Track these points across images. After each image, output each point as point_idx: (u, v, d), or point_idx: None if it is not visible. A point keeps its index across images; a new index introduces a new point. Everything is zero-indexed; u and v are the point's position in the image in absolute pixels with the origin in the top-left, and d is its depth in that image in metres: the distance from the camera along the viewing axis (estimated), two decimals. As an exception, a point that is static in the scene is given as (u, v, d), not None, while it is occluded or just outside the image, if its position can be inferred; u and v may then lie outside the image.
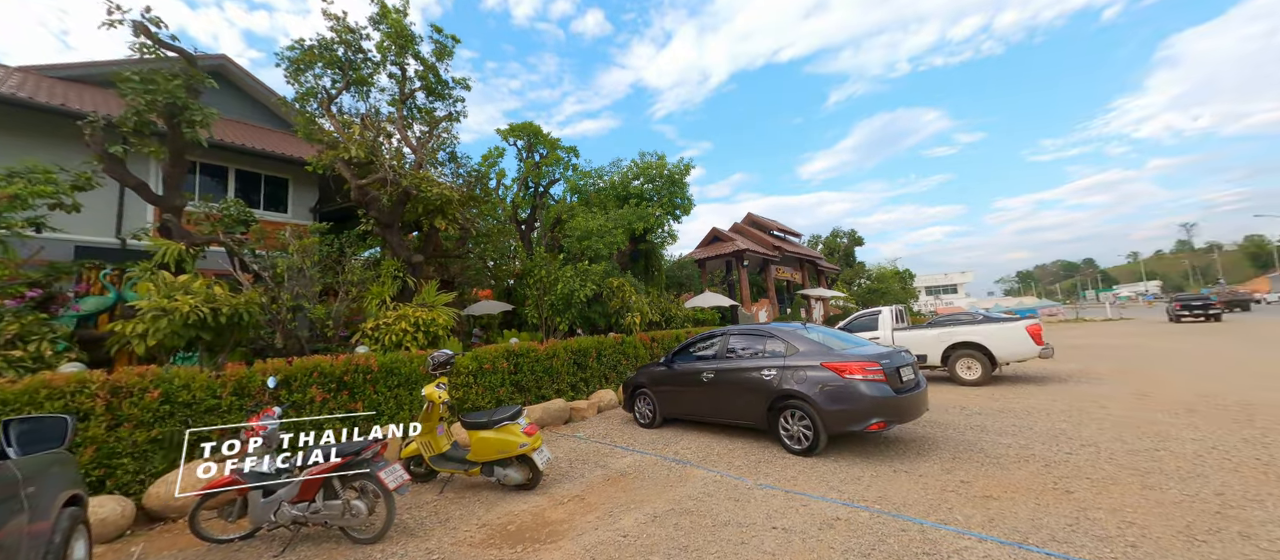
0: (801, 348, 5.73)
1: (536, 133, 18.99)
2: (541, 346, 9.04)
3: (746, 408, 6.07)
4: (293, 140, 13.26)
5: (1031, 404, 7.63)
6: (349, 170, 8.86)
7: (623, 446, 6.52)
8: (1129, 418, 6.33)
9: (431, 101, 12.09)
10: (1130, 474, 4.30)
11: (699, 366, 6.79)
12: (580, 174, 17.63)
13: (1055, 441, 5.45)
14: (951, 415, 7.13)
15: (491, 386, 8.00)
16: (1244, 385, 7.93)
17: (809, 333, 6.07)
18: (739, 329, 6.66)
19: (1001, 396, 8.40)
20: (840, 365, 5.26)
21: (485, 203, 14.63)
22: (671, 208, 15.71)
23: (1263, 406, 6.46)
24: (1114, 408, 6.99)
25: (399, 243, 9.69)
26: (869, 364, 5.17)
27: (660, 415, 7.38)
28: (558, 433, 7.69)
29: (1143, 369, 10.55)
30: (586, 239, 13.34)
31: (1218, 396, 7.26)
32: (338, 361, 6.25)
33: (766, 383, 5.80)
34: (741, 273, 19.92)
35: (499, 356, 8.25)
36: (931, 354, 10.50)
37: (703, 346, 7.09)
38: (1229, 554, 2.89)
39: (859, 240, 42.04)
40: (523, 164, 19.23)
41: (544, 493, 4.85)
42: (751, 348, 6.33)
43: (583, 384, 9.72)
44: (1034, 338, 9.42)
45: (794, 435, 5.53)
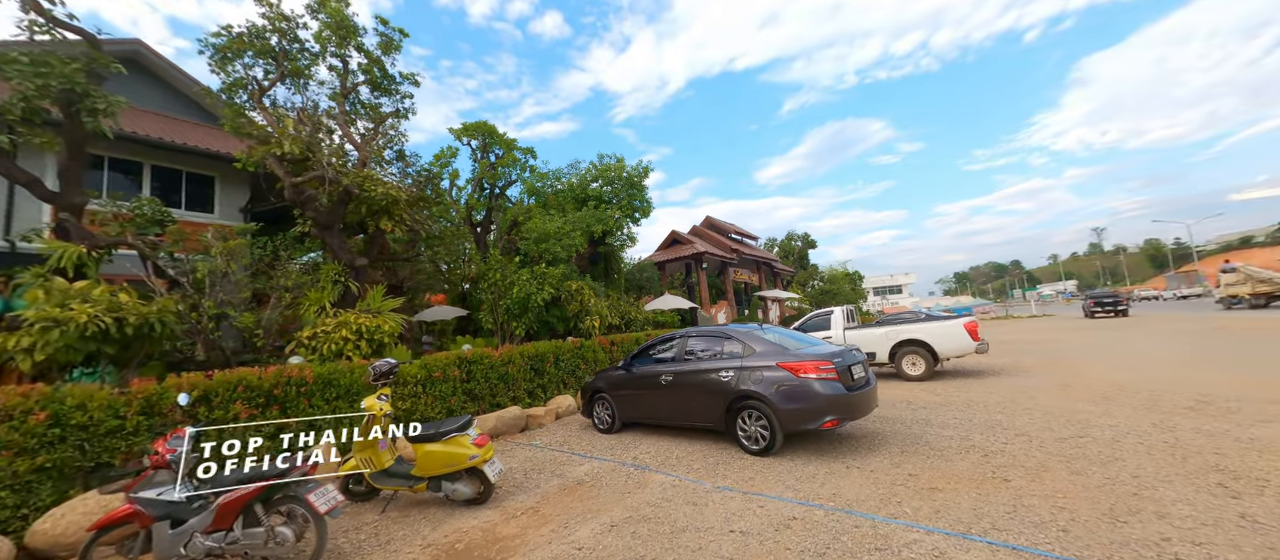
0: (758, 348, 5.78)
1: (491, 132, 18.49)
2: (496, 353, 8.72)
3: (705, 409, 6.06)
4: (220, 135, 12.23)
5: (970, 397, 8.06)
6: (282, 167, 8.23)
7: (580, 454, 6.35)
8: (1055, 407, 6.80)
9: (377, 97, 11.49)
10: (1058, 461, 4.58)
11: (658, 369, 6.73)
12: (538, 175, 17.32)
13: (992, 432, 5.76)
14: (899, 410, 7.41)
15: (442, 396, 7.62)
16: (1149, 375, 8.71)
17: (765, 333, 6.14)
18: (697, 331, 6.66)
19: (943, 390, 8.84)
20: (795, 365, 5.33)
21: (437, 204, 14.06)
22: (631, 210, 15.66)
23: (1165, 393, 7.10)
24: (1042, 398, 7.49)
25: (340, 245, 9.09)
26: (822, 363, 5.27)
27: (619, 420, 7.27)
28: (513, 442, 7.42)
29: (1064, 361, 11.43)
30: (544, 241, 13.04)
31: (1128, 386, 7.94)
32: (267, 374, 5.75)
33: (724, 384, 5.81)
34: (700, 275, 20.15)
35: (450, 364, 7.88)
36: (880, 351, 10.94)
37: (661, 349, 7.04)
38: (1147, 533, 3.09)
39: (812, 243, 43.60)
40: (477, 164, 18.69)
41: (496, 506, 4.62)
42: (710, 349, 6.33)
43: (540, 390, 9.46)
44: (971, 334, 10.00)
45: (751, 435, 5.56)
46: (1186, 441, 4.85)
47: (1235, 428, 5.16)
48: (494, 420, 7.70)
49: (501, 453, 6.76)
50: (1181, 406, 6.26)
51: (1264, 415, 5.55)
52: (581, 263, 16.45)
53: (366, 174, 8.83)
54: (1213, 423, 5.44)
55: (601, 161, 16.11)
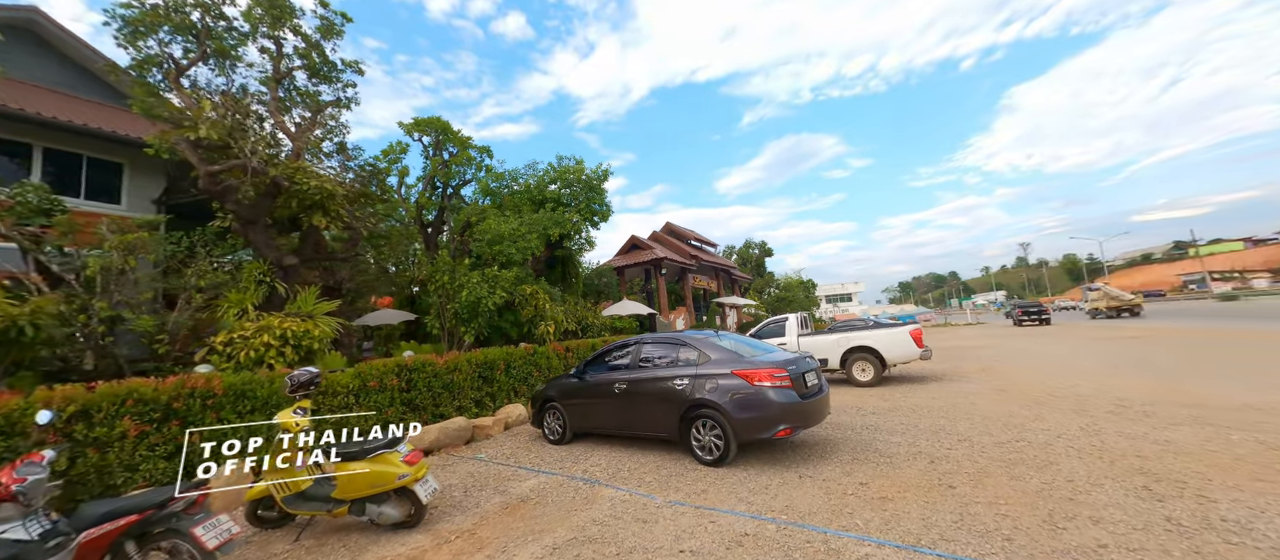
0: (713, 355, 5.65)
1: (445, 129, 17.75)
2: (441, 360, 8.19)
3: (659, 419, 5.86)
4: (130, 118, 11.00)
5: (916, 402, 8.30)
6: (196, 153, 7.42)
7: (527, 467, 6.00)
8: (993, 412, 7.07)
9: (315, 84, 10.71)
10: (999, 466, 4.69)
11: (612, 377, 6.49)
12: (494, 175, 16.71)
13: (937, 437, 5.88)
14: (849, 416, 7.51)
15: (379, 407, 7.05)
16: (1072, 381, 9.29)
17: (721, 340, 6.03)
18: (653, 337, 6.48)
19: (891, 396, 9.08)
20: (750, 373, 5.23)
21: (382, 201, 13.25)
22: (589, 214, 15.37)
23: (1089, 397, 7.56)
24: (980, 403, 7.80)
25: (266, 242, 8.31)
26: (777, 370, 5.20)
27: (570, 430, 6.96)
28: (457, 455, 6.95)
29: (999, 367, 12.07)
30: (498, 243, 12.53)
31: (1057, 390, 8.42)
32: (165, 385, 5.07)
33: (679, 392, 5.64)
34: (659, 281, 20.09)
35: (388, 372, 7.32)
36: (831, 358, 11.16)
37: (616, 356, 6.80)
38: (1085, 539, 3.14)
39: (769, 251, 44.75)
40: (429, 162, 17.87)
41: (428, 530, 4.22)
42: (665, 356, 6.15)
43: (489, 399, 8.98)
44: (916, 342, 10.36)
45: (705, 445, 5.41)
46: (1111, 445, 5.10)
47: (1152, 430, 5.49)
48: (435, 432, 7.19)
49: (442, 468, 6.31)
50: (1104, 410, 6.64)
51: (1174, 419, 5.95)
52: (538, 266, 15.99)
53: (298, 165, 8.13)
54: (1132, 426, 5.78)
55: (560, 163, 15.75)
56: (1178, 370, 9.50)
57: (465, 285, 9.62)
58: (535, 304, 11.57)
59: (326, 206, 8.40)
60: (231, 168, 7.49)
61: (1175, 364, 10.38)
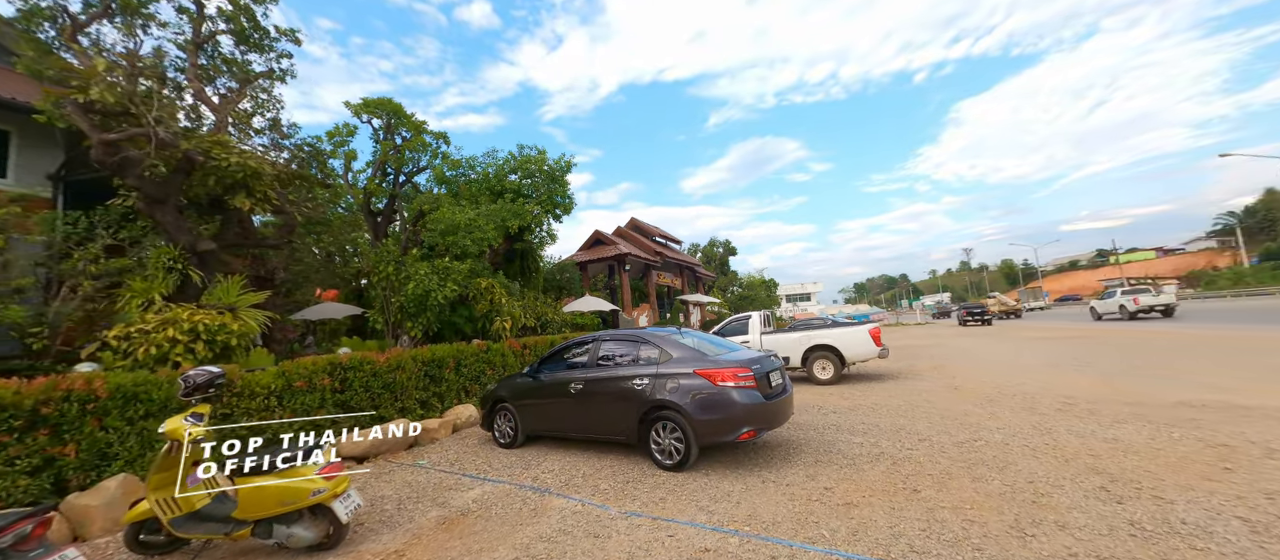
0: (675, 354, 5.35)
1: (397, 112, 16.74)
2: (382, 357, 7.53)
3: (617, 421, 5.51)
4: (19, 79, 9.61)
5: (875, 400, 8.32)
6: (87, 119, 6.45)
7: (472, 475, 5.51)
8: (949, 410, 7.13)
9: (244, 52, 9.69)
10: (960, 467, 4.62)
11: (568, 376, 6.08)
12: (450, 163, 15.86)
13: (898, 438, 5.81)
14: (811, 415, 7.41)
15: (307, 409, 6.36)
16: (1019, 378, 9.62)
17: (683, 338, 5.73)
18: (613, 334, 6.12)
19: (851, 394, 9.09)
20: (712, 372, 4.96)
21: (324, 185, 12.23)
22: (551, 206, 14.81)
23: (1037, 395, 7.77)
24: (937, 401, 7.89)
25: (177, 224, 7.36)
26: (741, 370, 4.94)
27: (522, 433, 6.51)
28: (396, 462, 6.36)
29: (950, 366, 12.44)
30: (451, 234, 11.81)
31: (1007, 387, 8.65)
32: (30, 387, 4.28)
33: (639, 392, 5.30)
34: (623, 277, 19.72)
35: (319, 371, 6.62)
36: (793, 356, 11.15)
37: (574, 354, 6.39)
38: (1055, 548, 3.02)
39: (733, 250, 45.27)
40: (379, 146, 16.80)
41: (348, 552, 3.70)
42: (625, 354, 5.80)
43: (436, 400, 8.37)
44: (875, 340, 10.47)
45: (665, 449, 5.11)
46: (1064, 443, 5.14)
47: (1100, 428, 5.61)
48: (372, 438, 6.53)
49: (378, 477, 5.73)
50: (1053, 408, 6.81)
51: (1118, 416, 6.14)
52: (496, 260, 15.30)
53: (216, 139, 7.23)
54: (1080, 423, 5.91)
55: (521, 152, 15.09)
56: (1113, 368, 10.01)
57: (413, 277, 8.91)
58: (491, 298, 10.96)
59: (251, 187, 7.52)
60: (132, 137, 6.55)
61: (1110, 363, 10.96)
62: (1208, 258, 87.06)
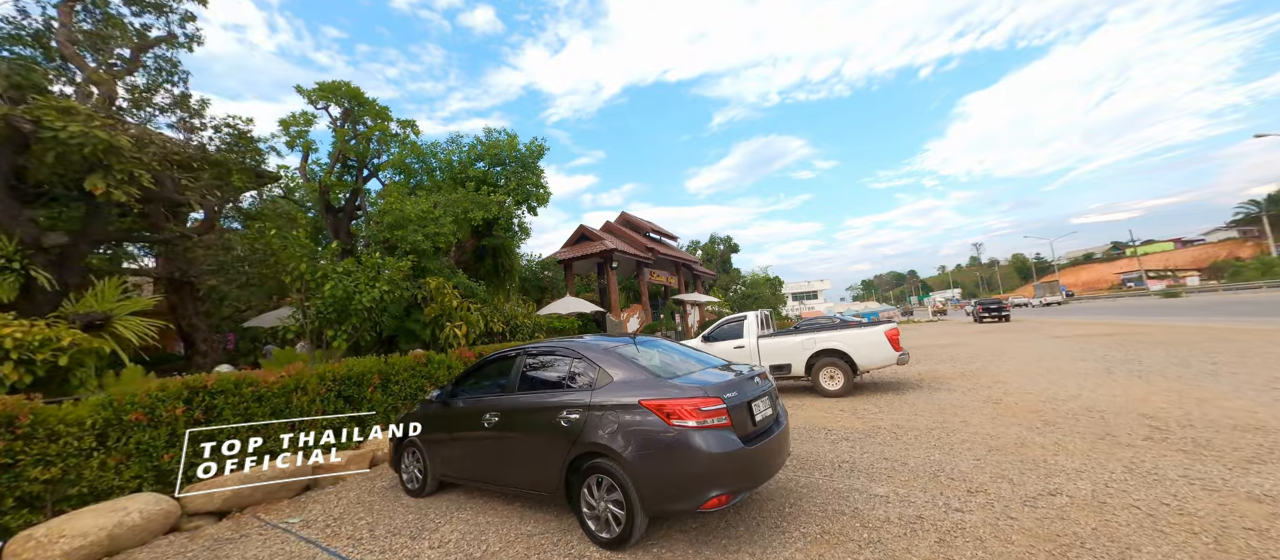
0: (617, 374, 3.74)
1: (357, 96, 15.23)
2: (271, 376, 5.99)
3: (537, 468, 3.92)
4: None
5: (897, 420, 6.67)
6: None
7: (346, 543, 3.94)
8: (997, 437, 5.46)
9: (135, 10, 8.19)
10: (1049, 553, 2.97)
11: (484, 402, 4.49)
12: (412, 150, 14.28)
13: (938, 487, 4.17)
14: (817, 444, 5.78)
15: (145, 451, 4.83)
16: (1069, 387, 7.91)
17: (635, 349, 4.13)
18: (543, 346, 4.51)
19: (865, 411, 7.44)
20: (663, 404, 3.34)
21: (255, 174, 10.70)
22: (523, 196, 13.24)
23: (1107, 412, 6.08)
24: (976, 422, 6.22)
25: (8, 212, 5.86)
26: (706, 401, 3.32)
27: (432, 477, 4.93)
28: (267, 517, 4.80)
29: (979, 370, 10.73)
30: (399, 228, 10.28)
31: (1060, 400, 6.96)
32: None
33: (565, 430, 3.70)
34: (611, 276, 18.13)
35: (169, 398, 5.08)
36: (795, 363, 9.51)
37: (494, 371, 4.80)
38: None
39: (735, 247, 43.50)
40: (337, 135, 15.30)
41: None
42: (553, 374, 4.20)
43: (356, 427, 6.80)
44: (893, 344, 8.80)
45: (600, 516, 3.50)
46: (1193, 504, 3.48)
47: (1230, 474, 3.94)
48: (233, 487, 4.98)
49: (232, 541, 4.19)
50: (1137, 434, 5.12)
51: (1241, 450, 4.45)
52: (463, 257, 13.76)
53: (52, 103, 5.68)
54: (1192, 462, 4.23)
55: (489, 137, 13.52)
56: (1174, 372, 8.28)
57: (331, 276, 7.38)
58: (441, 300, 9.40)
59: (111, 166, 6.00)
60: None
61: (1164, 364, 9.21)
62: (1229, 248, 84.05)
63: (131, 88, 8.17)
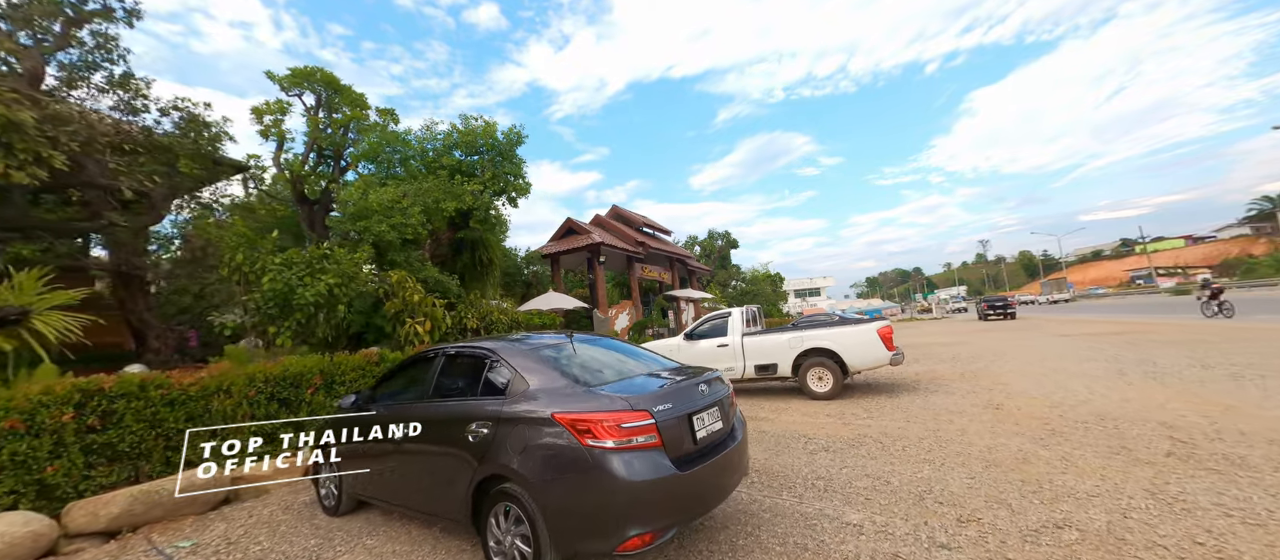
0: (534, 381, 3.11)
1: (332, 83, 14.67)
2: (187, 376, 5.41)
3: (443, 491, 3.32)
4: None
5: (886, 428, 6.02)
6: None
7: (211, 583, 3.35)
8: (997, 450, 4.81)
9: (66, -17, 7.60)
10: (1054, 608, 2.33)
11: (397, 411, 3.88)
12: (388, 137, 13.63)
13: (921, 512, 3.53)
14: (792, 456, 5.15)
15: (24, 464, 4.25)
16: (1078, 390, 7.24)
17: (567, 350, 3.50)
18: (459, 346, 3.89)
19: (851, 416, 6.80)
20: (578, 417, 2.71)
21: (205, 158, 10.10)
22: (500, 186, 12.61)
23: (1122, 420, 5.41)
24: (974, 431, 5.57)
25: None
26: (630, 415, 2.68)
27: (347, 495, 4.33)
28: (155, 539, 4.23)
29: (981, 371, 10.06)
30: (363, 219, 9.69)
31: (1068, 406, 6.29)
32: None
33: (471, 447, 3.09)
34: (598, 270, 17.49)
35: (60, 402, 4.50)
36: (782, 362, 8.87)
37: (413, 374, 4.20)
38: None
39: (734, 242, 42.75)
40: (310, 123, 14.76)
41: None
42: (467, 379, 3.58)
43: (292, 432, 6.22)
44: (885, 343, 8.14)
45: (506, 553, 2.89)
46: (1235, 545, 2.83)
47: (1275, 504, 3.27)
48: (121, 501, 4.40)
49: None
50: (1159, 448, 4.46)
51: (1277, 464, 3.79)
52: (439, 250, 13.17)
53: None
54: (1229, 487, 3.57)
55: (465, 124, 12.89)
56: (1191, 373, 7.58)
57: (268, 268, 6.79)
58: (403, 295, 8.81)
59: (11, 144, 5.41)
60: None
61: (1180, 365, 8.51)
62: (1242, 245, 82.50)
63: (65, 66, 7.60)
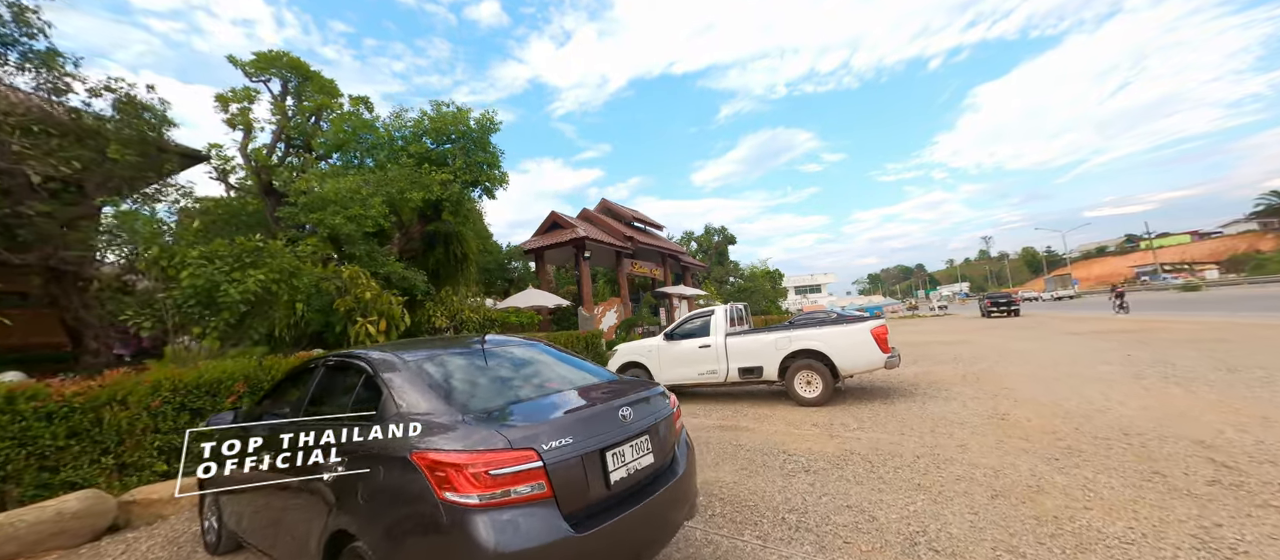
0: (404, 402, 2.38)
1: (297, 67, 13.93)
2: (71, 387, 4.71)
3: (297, 544, 2.62)
4: None
5: (878, 441, 5.30)
6: None
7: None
8: (1002, 474, 4.09)
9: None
10: None
11: (266, 435, 3.16)
12: (358, 123, 12.84)
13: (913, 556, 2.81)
14: (766, 478, 4.43)
15: None
16: (1097, 398, 6.49)
17: (457, 358, 2.79)
18: (341, 355, 3.16)
19: (842, 427, 6.07)
20: (439, 459, 1.99)
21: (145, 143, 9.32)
22: (473, 177, 11.87)
23: (1149, 436, 4.68)
24: (976, 447, 4.84)
25: None
26: (505, 457, 1.96)
27: (225, 534, 3.63)
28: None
29: (984, 371, 9.32)
30: (318, 210, 8.98)
31: (1084, 415, 5.56)
32: None
33: (322, 491, 2.39)
34: (583, 266, 16.75)
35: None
36: (768, 365, 8.15)
37: (291, 388, 3.48)
38: None
39: (731, 238, 41.93)
40: (280, 113, 14.04)
41: None
42: (337, 399, 2.87)
43: (209, 444, 5.52)
44: (880, 344, 7.40)
45: (354, 638, 2.18)
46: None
47: (1369, 557, 2.54)
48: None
49: None
50: (1199, 476, 3.72)
51: (1360, 505, 3.05)
52: (409, 245, 12.46)
53: None
54: (1295, 529, 2.84)
55: (437, 111, 12.14)
56: (1222, 378, 6.83)
57: (189, 263, 6.07)
58: (355, 292, 8.10)
59: None
60: None
61: (1207, 367, 7.76)
62: (1249, 241, 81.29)
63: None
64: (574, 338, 11.84)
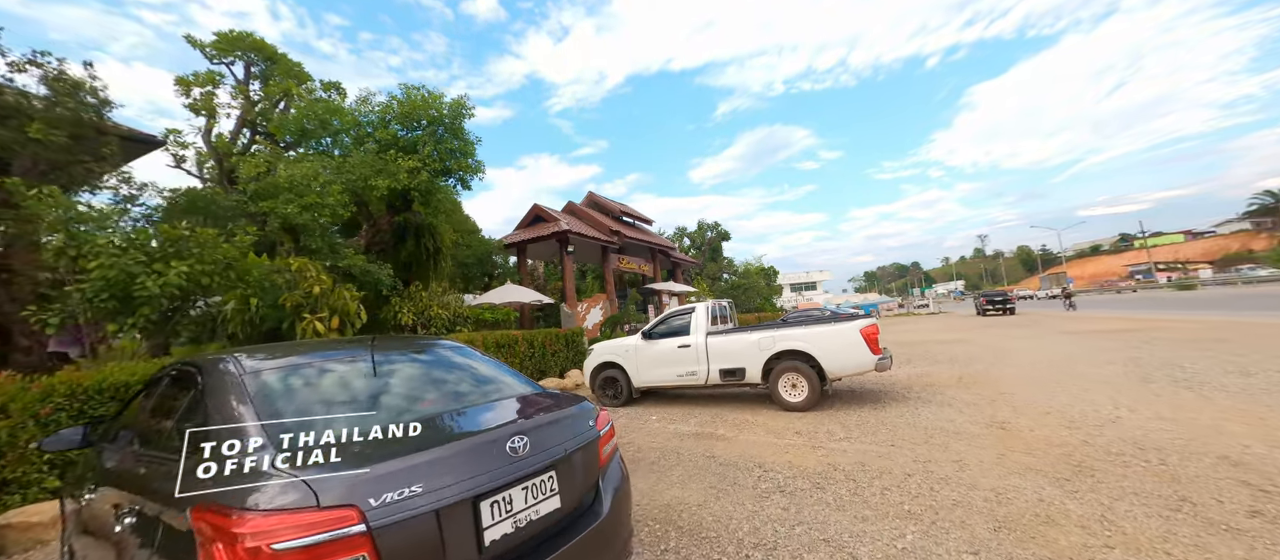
0: (219, 428, 1.79)
1: (265, 51, 13.24)
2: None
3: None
4: None
5: (865, 454, 4.74)
6: None
7: None
8: (1005, 499, 3.53)
9: None
10: None
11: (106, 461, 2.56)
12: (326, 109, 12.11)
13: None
14: (736, 499, 3.86)
15: None
16: (1104, 404, 5.97)
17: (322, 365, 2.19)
18: (182, 363, 2.55)
19: (827, 436, 5.51)
20: (225, 521, 1.39)
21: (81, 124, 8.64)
22: (444, 164, 11.21)
23: (1168, 450, 4.14)
24: (974, 464, 4.29)
25: None
26: (305, 518, 1.37)
27: (76, 570, 3.02)
28: None
29: (981, 373, 8.80)
30: (268, 197, 8.32)
31: (1092, 427, 5.02)
32: None
33: (124, 538, 1.78)
34: (566, 261, 16.14)
35: None
36: (751, 367, 7.59)
37: (142, 401, 2.86)
38: None
39: (725, 235, 41.36)
40: (238, 93, 13.32)
41: None
42: (167, 421, 2.27)
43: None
44: (870, 345, 6.85)
45: None
46: None
47: None
48: None
49: None
50: (1236, 504, 3.18)
51: None
52: (377, 237, 11.80)
53: None
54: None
55: (407, 95, 11.45)
56: (1236, 382, 6.32)
57: (101, 253, 5.43)
58: (304, 286, 7.47)
59: None
60: None
61: (1218, 370, 7.24)
62: (1242, 240, 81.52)
63: None
64: (553, 335, 11.25)
